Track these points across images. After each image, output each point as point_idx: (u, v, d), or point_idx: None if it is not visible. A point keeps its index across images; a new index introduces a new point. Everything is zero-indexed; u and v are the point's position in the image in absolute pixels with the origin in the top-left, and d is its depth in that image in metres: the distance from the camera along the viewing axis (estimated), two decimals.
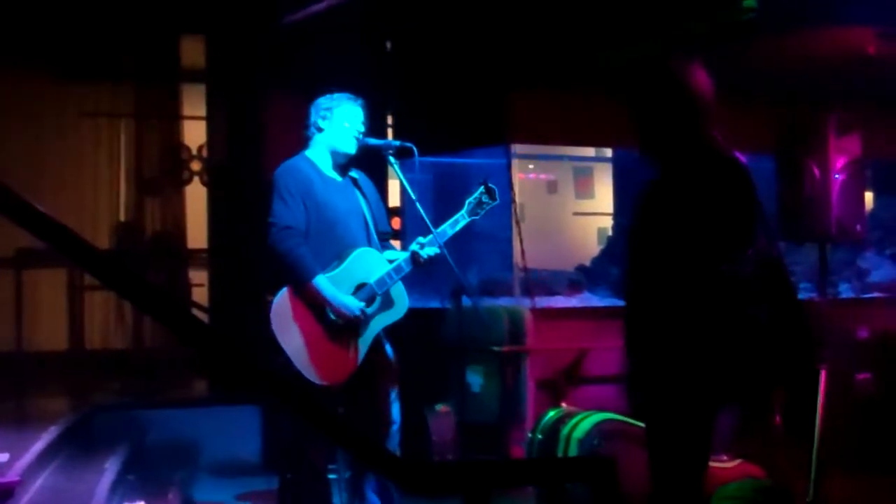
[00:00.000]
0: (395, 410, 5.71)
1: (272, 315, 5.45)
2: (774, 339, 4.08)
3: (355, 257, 5.55)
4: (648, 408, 4.30)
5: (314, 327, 5.46)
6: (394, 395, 5.75)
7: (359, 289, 5.52)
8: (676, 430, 4.17)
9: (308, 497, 5.58)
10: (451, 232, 5.65)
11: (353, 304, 5.47)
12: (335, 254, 5.55)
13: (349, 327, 5.50)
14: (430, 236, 5.57)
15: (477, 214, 5.73)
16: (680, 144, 4.21)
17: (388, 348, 5.74)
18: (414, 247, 5.59)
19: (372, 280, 5.54)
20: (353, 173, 5.79)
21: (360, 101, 5.75)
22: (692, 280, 4.06)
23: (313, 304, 5.45)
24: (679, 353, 4.08)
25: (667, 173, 4.25)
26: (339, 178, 5.73)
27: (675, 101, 4.20)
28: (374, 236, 5.70)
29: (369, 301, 5.53)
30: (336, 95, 5.74)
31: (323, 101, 5.74)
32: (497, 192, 5.79)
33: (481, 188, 5.74)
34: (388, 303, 5.59)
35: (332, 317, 5.46)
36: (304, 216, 5.53)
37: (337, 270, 5.50)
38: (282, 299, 5.47)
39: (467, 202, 5.71)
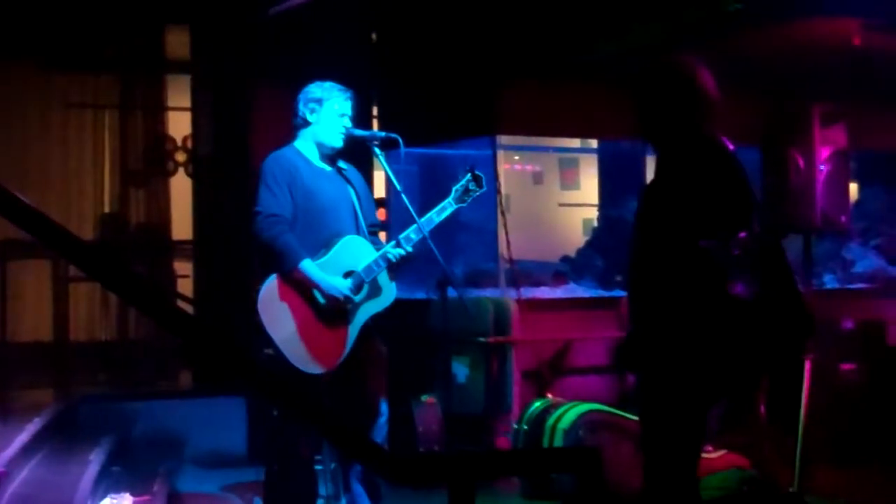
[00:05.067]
0: (383, 402, 5.70)
1: (260, 303, 5.42)
2: (764, 322, 4.09)
3: (343, 245, 5.54)
4: (644, 401, 4.30)
5: (304, 312, 5.44)
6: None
7: (346, 276, 5.50)
8: (672, 422, 4.17)
9: (293, 488, 5.58)
10: (437, 219, 5.64)
11: (342, 285, 5.45)
12: (322, 242, 5.53)
13: (339, 312, 5.48)
14: (414, 226, 5.57)
15: (464, 202, 5.72)
16: (683, 137, 4.24)
17: (378, 340, 5.72)
18: (401, 237, 5.59)
19: (359, 268, 5.52)
20: (342, 164, 5.78)
21: (349, 94, 5.72)
22: (691, 265, 4.08)
23: (302, 290, 5.44)
24: (676, 338, 4.09)
25: (668, 163, 4.28)
26: (327, 168, 5.71)
27: (683, 99, 4.25)
28: (363, 226, 5.69)
29: (357, 288, 5.51)
30: (326, 86, 5.70)
31: (312, 91, 5.69)
32: (484, 180, 5.79)
33: (468, 175, 5.74)
34: (375, 291, 5.58)
35: (322, 300, 5.45)
36: (290, 204, 5.51)
37: (324, 258, 5.49)
38: (270, 287, 5.45)
39: (454, 189, 5.70)
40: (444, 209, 5.67)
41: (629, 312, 4.31)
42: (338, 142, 5.66)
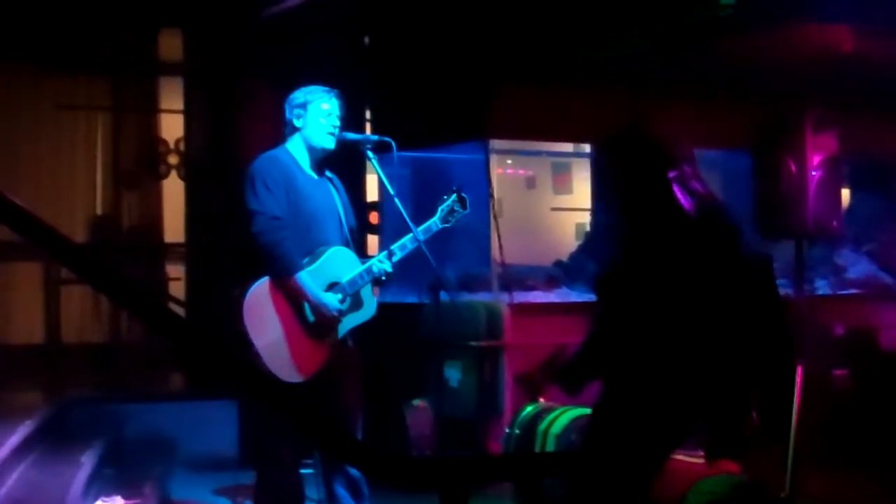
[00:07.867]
0: (356, 408, 5.67)
1: (246, 307, 5.34)
2: (750, 340, 4.10)
3: (330, 255, 5.49)
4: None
5: (292, 321, 5.40)
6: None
7: (330, 288, 5.46)
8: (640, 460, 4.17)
9: (280, 492, 5.55)
10: (422, 237, 5.60)
11: (332, 304, 5.41)
12: (307, 250, 5.48)
13: (325, 325, 5.44)
14: (400, 242, 5.56)
15: (448, 222, 5.68)
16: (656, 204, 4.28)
17: (353, 348, 5.67)
18: (383, 253, 5.57)
19: (344, 280, 5.48)
20: (328, 174, 5.75)
21: (334, 93, 5.66)
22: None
23: (292, 299, 5.41)
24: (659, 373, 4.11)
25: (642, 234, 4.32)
26: (315, 176, 5.67)
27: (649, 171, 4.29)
28: (348, 235, 5.66)
29: (342, 302, 5.48)
30: (309, 89, 5.65)
31: (296, 97, 5.64)
32: (468, 202, 5.75)
33: (454, 196, 5.71)
34: (357, 303, 5.54)
35: (310, 314, 5.41)
36: (285, 208, 5.46)
37: (311, 267, 5.44)
38: (259, 290, 5.39)
39: (440, 209, 5.67)
40: (430, 229, 5.65)
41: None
42: (329, 143, 5.61)
